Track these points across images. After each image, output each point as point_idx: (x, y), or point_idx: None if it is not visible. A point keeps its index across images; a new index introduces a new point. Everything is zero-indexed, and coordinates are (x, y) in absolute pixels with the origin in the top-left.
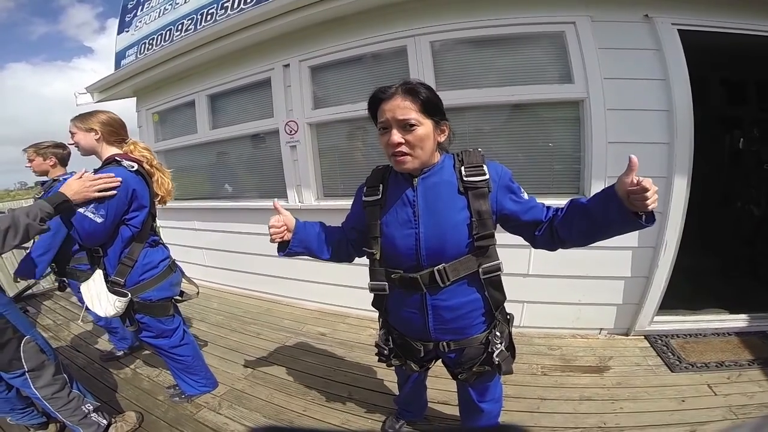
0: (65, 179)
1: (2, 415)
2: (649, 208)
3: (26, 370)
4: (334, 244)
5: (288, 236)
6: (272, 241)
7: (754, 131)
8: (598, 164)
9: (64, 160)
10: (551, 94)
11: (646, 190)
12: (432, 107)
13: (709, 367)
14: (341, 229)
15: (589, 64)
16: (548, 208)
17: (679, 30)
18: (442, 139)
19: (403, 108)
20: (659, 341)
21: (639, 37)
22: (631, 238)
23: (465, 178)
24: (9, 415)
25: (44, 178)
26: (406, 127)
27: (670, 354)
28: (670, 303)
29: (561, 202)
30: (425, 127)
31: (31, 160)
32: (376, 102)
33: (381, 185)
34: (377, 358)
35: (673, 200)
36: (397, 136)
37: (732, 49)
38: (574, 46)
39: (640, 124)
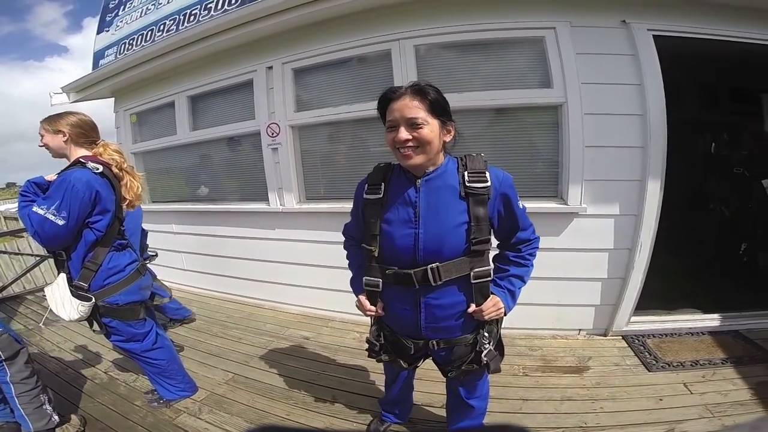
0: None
1: None
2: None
3: (3, 359)
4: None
5: (371, 307)
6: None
7: (724, 135)
8: (575, 168)
9: None
10: (531, 99)
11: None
12: (439, 108)
13: (685, 366)
14: (359, 249)
15: (568, 69)
16: (523, 239)
17: (654, 35)
18: (447, 138)
19: (412, 107)
20: (636, 341)
21: (616, 42)
22: (607, 240)
23: (468, 184)
24: None
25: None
26: (414, 125)
27: (647, 354)
28: (646, 303)
29: (541, 204)
30: (432, 126)
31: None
32: (385, 101)
33: (383, 184)
34: (367, 353)
35: (647, 203)
36: (404, 133)
37: (705, 55)
38: (553, 51)
39: (616, 128)
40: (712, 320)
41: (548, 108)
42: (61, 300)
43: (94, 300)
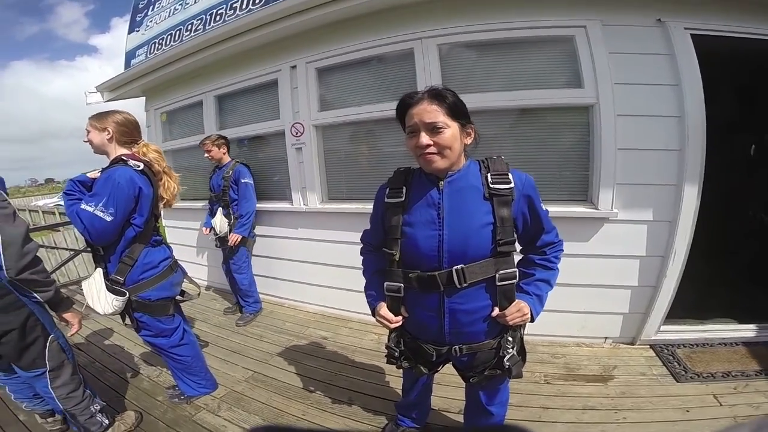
0: (228, 164)
1: (20, 400)
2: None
3: (48, 369)
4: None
5: (397, 319)
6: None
7: (765, 138)
8: (606, 171)
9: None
10: (560, 99)
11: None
12: (458, 111)
13: (716, 377)
14: (375, 257)
15: (600, 68)
16: (547, 241)
17: (692, 35)
18: (468, 141)
19: (431, 111)
20: (665, 351)
21: (651, 41)
22: (638, 247)
23: (491, 185)
24: (27, 400)
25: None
26: (434, 129)
27: (675, 364)
28: (677, 312)
29: (570, 209)
30: (452, 129)
31: (210, 151)
32: (404, 107)
33: (404, 187)
34: (386, 359)
35: (683, 208)
36: (425, 138)
37: (745, 54)
38: (584, 50)
39: (651, 131)
40: (747, 330)
41: (579, 109)
42: (97, 294)
43: (128, 295)
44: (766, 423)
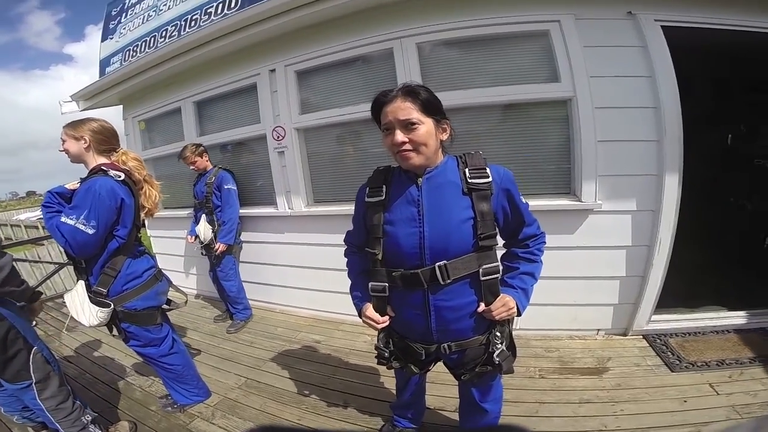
0: (210, 170)
1: (11, 413)
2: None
3: (34, 381)
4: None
5: (384, 319)
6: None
7: (741, 127)
8: (588, 163)
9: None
10: (539, 94)
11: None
12: (432, 107)
13: (710, 365)
14: (360, 258)
15: (575, 62)
16: (529, 234)
17: (662, 26)
18: (444, 137)
19: (405, 109)
20: (658, 341)
21: (623, 34)
22: (624, 237)
23: (469, 180)
24: (18, 413)
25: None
26: (408, 126)
27: (669, 353)
28: (667, 301)
29: (554, 201)
30: (426, 125)
31: (194, 162)
32: (378, 106)
33: (384, 186)
34: (377, 360)
35: (665, 197)
36: (400, 135)
37: (718, 46)
38: (559, 44)
39: (629, 122)
40: (737, 317)
41: (557, 103)
42: (81, 306)
43: (112, 306)
44: (765, 424)
